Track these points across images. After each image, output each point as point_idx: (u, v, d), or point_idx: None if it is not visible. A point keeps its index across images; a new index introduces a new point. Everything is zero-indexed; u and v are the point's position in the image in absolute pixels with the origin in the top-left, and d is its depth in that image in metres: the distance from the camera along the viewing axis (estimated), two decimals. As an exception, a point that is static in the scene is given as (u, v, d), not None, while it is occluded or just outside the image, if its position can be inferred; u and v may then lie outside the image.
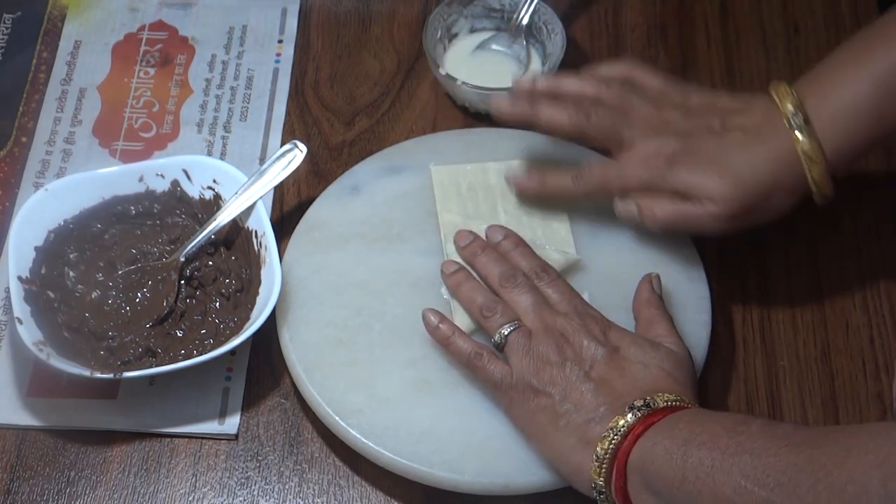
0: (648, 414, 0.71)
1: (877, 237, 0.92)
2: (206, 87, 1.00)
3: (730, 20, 1.05)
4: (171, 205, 0.89)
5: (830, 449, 0.60)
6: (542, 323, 0.78)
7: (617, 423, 0.71)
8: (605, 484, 0.71)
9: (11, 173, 0.95)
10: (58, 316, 0.84)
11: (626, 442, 0.70)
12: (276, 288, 0.82)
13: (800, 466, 0.61)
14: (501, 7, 1.00)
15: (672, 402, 0.72)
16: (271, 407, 0.84)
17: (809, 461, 0.61)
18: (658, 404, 0.72)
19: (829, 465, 0.60)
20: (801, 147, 0.79)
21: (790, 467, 0.61)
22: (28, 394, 0.84)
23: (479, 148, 0.93)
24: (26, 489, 0.80)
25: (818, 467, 0.60)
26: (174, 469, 0.81)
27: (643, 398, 0.72)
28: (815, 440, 0.62)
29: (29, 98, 0.99)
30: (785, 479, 0.61)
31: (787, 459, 0.62)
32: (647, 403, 0.72)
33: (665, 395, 0.72)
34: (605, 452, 0.71)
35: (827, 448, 0.61)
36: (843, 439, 0.61)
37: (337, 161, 0.96)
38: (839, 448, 0.60)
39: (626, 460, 0.70)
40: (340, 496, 0.80)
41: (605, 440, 0.71)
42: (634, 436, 0.70)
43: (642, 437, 0.70)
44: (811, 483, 0.60)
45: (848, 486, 0.58)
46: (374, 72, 1.02)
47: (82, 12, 1.05)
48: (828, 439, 0.62)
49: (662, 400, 0.72)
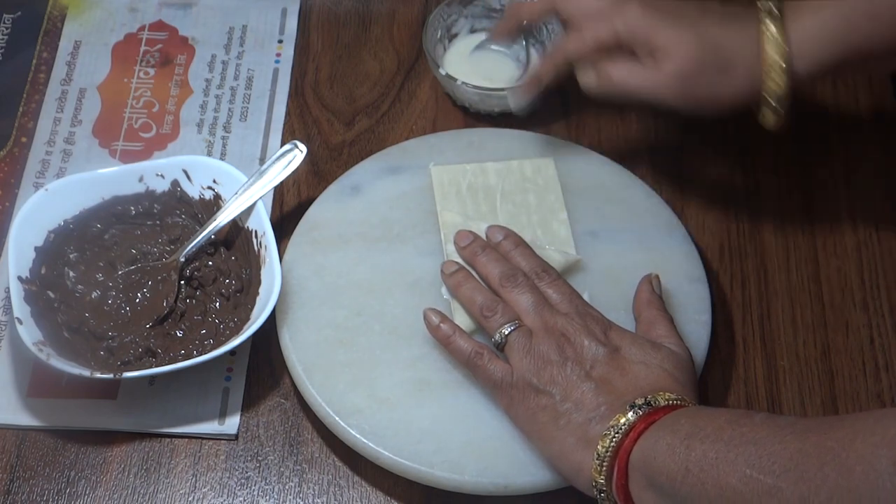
0: (650, 412, 0.71)
1: (877, 237, 0.92)
2: (206, 87, 1.00)
3: (730, 20, 1.05)
4: (171, 205, 0.89)
5: (837, 434, 0.60)
6: (542, 322, 0.78)
7: (618, 422, 0.71)
8: (607, 482, 0.71)
9: (11, 173, 0.95)
10: (58, 316, 0.84)
11: (627, 440, 0.70)
12: (276, 288, 0.82)
13: (806, 452, 0.61)
14: (501, 7, 1.00)
15: (673, 400, 0.72)
16: (271, 407, 0.84)
17: (816, 447, 0.61)
18: (659, 403, 0.72)
19: (836, 449, 0.59)
20: (767, 30, 0.78)
21: (797, 454, 0.61)
22: (28, 394, 0.84)
23: (479, 148, 0.93)
24: (26, 489, 0.80)
25: (825, 451, 0.60)
26: (174, 469, 0.81)
27: (644, 397, 0.72)
28: (820, 427, 0.62)
29: (29, 98, 0.99)
30: (792, 466, 0.61)
31: (793, 446, 0.62)
32: (648, 402, 0.72)
33: (666, 395, 0.72)
34: (606, 451, 0.71)
35: (833, 433, 0.61)
36: (849, 424, 0.61)
37: (337, 161, 0.96)
38: (845, 432, 0.60)
39: (627, 458, 0.70)
40: (340, 496, 0.80)
41: (606, 438, 0.71)
42: (636, 433, 0.70)
43: (644, 435, 0.70)
44: (818, 466, 0.59)
45: (856, 467, 0.58)
46: (373, 72, 1.02)
47: (82, 12, 1.05)
48: (833, 426, 0.61)
49: (664, 399, 0.72)
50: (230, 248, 0.88)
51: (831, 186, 0.95)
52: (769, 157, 0.96)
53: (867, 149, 0.97)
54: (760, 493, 0.62)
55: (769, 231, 0.92)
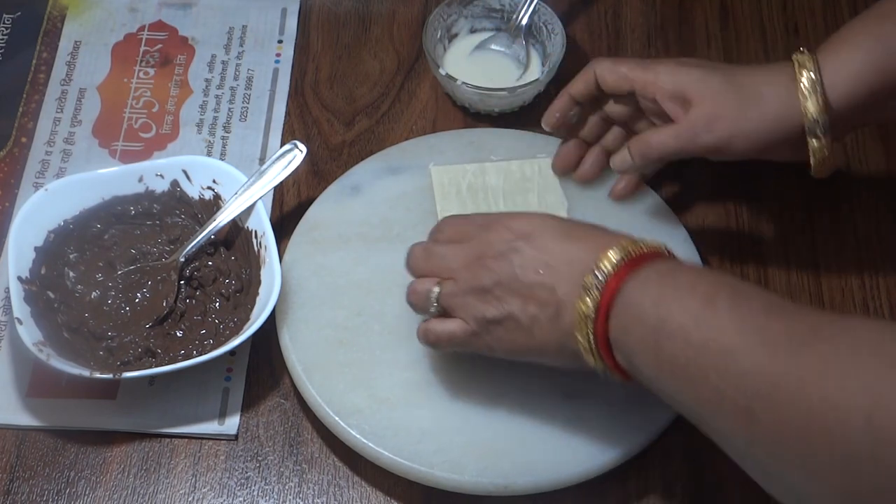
0: (602, 290, 0.68)
1: (877, 236, 0.92)
2: (205, 87, 1.00)
3: (730, 20, 1.05)
4: (171, 205, 0.89)
5: (808, 360, 0.58)
6: (459, 263, 0.75)
7: (581, 310, 0.69)
8: (602, 363, 0.69)
9: (11, 173, 0.95)
10: (58, 316, 0.84)
11: (598, 325, 0.68)
12: (276, 288, 0.82)
13: (776, 380, 0.58)
14: (501, 7, 1.00)
15: (613, 265, 0.68)
16: (271, 407, 0.84)
17: (786, 375, 0.58)
18: (606, 270, 0.68)
19: (808, 381, 0.57)
20: (803, 79, 0.78)
21: (767, 377, 0.59)
22: (28, 394, 0.84)
23: (479, 148, 0.93)
24: (26, 489, 0.80)
25: (796, 383, 0.57)
26: (174, 469, 0.81)
27: (591, 272, 0.68)
28: (790, 344, 0.59)
29: (29, 98, 0.99)
30: (763, 391, 0.59)
31: (763, 368, 0.59)
32: (596, 277, 0.68)
33: (602, 263, 0.69)
34: (587, 340, 0.69)
35: (805, 358, 0.58)
36: (822, 347, 0.58)
37: (337, 161, 0.96)
38: (818, 360, 0.57)
39: (607, 340, 0.68)
40: (340, 496, 0.80)
41: (581, 330, 0.69)
42: (603, 317, 0.68)
43: (612, 313, 0.67)
44: (790, 400, 0.57)
45: (829, 413, 0.55)
46: (373, 72, 1.02)
47: (82, 12, 1.05)
48: (805, 343, 0.59)
49: (604, 267, 0.68)
50: (230, 248, 0.88)
51: (831, 187, 0.95)
52: (769, 157, 0.96)
53: (867, 149, 0.97)
54: (735, 411, 0.60)
55: (769, 231, 0.92)
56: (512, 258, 0.73)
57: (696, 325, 0.63)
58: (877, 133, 0.98)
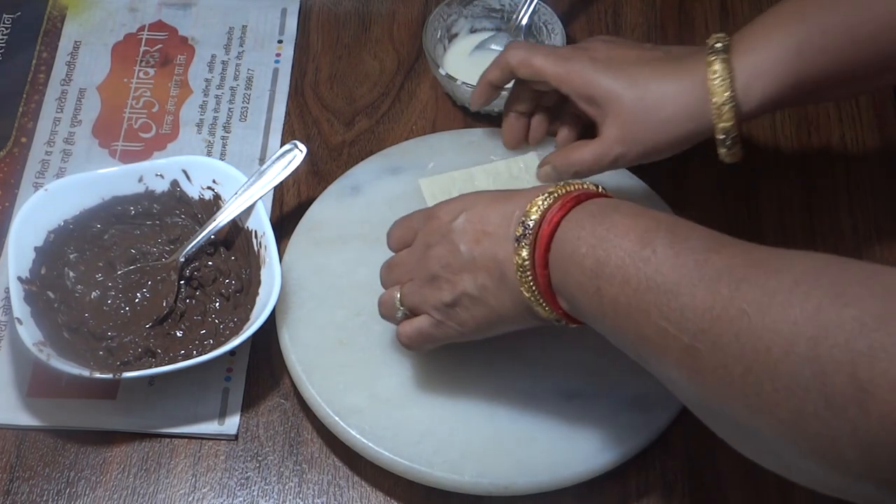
0: (535, 237, 0.68)
1: (877, 237, 0.92)
2: (205, 87, 1.00)
3: (730, 20, 1.05)
4: (171, 205, 0.89)
5: (751, 293, 0.56)
6: (412, 262, 0.76)
7: (517, 263, 0.68)
8: (553, 312, 0.69)
9: (11, 173, 0.95)
10: (58, 316, 0.84)
11: (539, 274, 0.68)
12: (276, 288, 0.82)
13: (718, 313, 0.57)
14: (501, 7, 1.00)
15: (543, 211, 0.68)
16: (271, 407, 0.84)
17: (728, 308, 0.57)
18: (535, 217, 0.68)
19: (750, 314, 0.55)
20: (712, 71, 0.78)
21: (707, 312, 0.57)
22: (28, 394, 0.84)
23: (479, 148, 0.93)
24: (26, 489, 0.80)
25: (739, 315, 0.56)
26: (174, 469, 0.81)
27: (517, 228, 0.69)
28: (731, 275, 0.58)
29: (29, 98, 0.99)
30: (706, 326, 0.58)
31: (703, 302, 0.58)
32: (526, 226, 0.68)
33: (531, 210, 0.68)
34: (530, 291, 0.69)
35: (747, 292, 0.56)
36: (762, 278, 0.56)
37: (337, 161, 0.96)
38: (760, 293, 0.56)
39: (550, 289, 0.68)
40: (340, 496, 0.80)
41: (524, 283, 0.68)
42: (542, 264, 0.67)
43: (550, 263, 0.67)
44: (733, 334, 0.56)
45: (772, 345, 0.54)
46: (373, 72, 1.02)
47: (82, 12, 1.05)
48: (747, 277, 0.57)
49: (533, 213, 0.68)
50: (230, 248, 0.88)
51: (831, 187, 0.95)
52: (769, 157, 0.96)
53: (867, 149, 0.97)
54: (679, 349, 0.59)
55: (769, 231, 0.92)
56: (452, 237, 0.73)
57: (635, 265, 0.62)
58: (877, 133, 0.98)
